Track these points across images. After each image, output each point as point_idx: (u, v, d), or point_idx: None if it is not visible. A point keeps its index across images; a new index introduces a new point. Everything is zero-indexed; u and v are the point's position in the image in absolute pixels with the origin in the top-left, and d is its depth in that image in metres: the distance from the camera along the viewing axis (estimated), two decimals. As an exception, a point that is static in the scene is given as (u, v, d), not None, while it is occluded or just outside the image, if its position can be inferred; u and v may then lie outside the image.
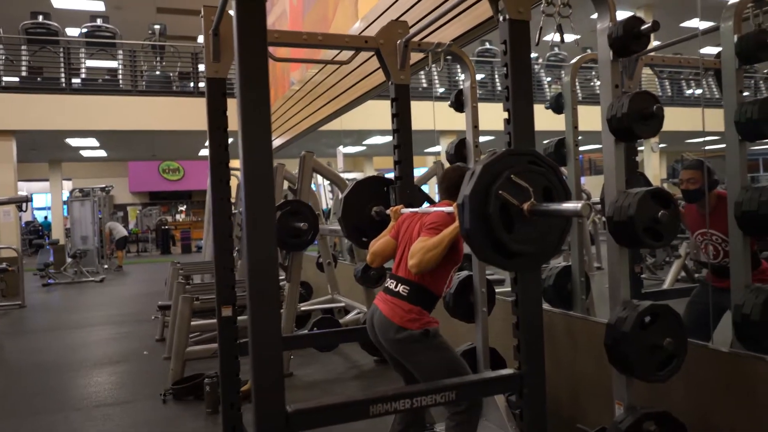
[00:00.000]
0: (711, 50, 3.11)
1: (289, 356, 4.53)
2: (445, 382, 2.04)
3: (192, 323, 4.47)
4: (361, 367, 4.70)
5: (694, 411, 2.34)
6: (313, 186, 6.27)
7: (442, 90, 10.16)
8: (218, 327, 2.74)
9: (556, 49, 12.42)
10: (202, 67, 11.83)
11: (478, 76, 10.54)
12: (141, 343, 5.92)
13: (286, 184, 5.94)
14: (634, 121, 2.07)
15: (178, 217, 25.22)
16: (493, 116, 3.20)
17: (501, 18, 2.05)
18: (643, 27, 2.08)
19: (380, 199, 3.11)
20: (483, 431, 3.04)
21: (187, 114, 11.10)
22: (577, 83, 3.63)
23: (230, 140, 2.75)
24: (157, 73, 11.57)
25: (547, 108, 3.64)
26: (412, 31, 3.08)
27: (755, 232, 2.38)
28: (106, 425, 3.68)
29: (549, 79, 12.60)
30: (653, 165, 10.43)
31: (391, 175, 3.21)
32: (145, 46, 11.88)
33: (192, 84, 11.70)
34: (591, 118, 3.64)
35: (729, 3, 2.50)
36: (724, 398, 2.28)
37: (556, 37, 2.18)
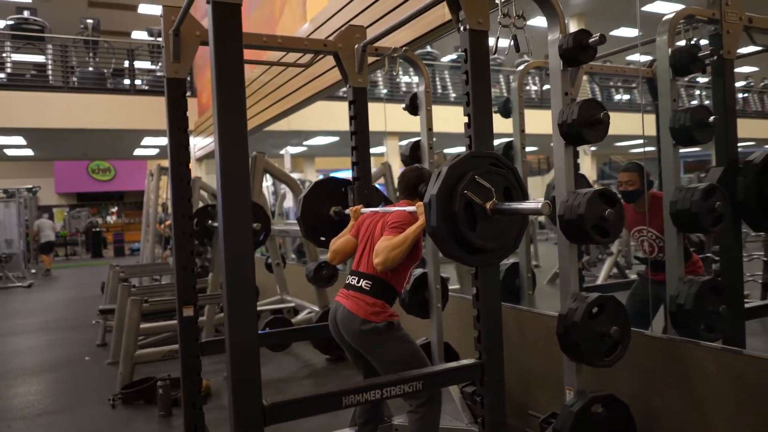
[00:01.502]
0: (634, 58, 3.34)
1: (241, 357, 4.51)
2: (412, 373, 2.13)
3: (141, 326, 4.38)
4: (313, 366, 4.74)
5: (635, 393, 2.55)
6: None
7: (384, 91, 10.27)
8: (179, 327, 2.73)
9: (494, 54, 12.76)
10: (138, 64, 11.50)
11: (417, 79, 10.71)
12: (81, 349, 5.72)
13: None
14: (583, 126, 2.24)
15: (109, 218, 24.31)
16: (434, 118, 3.33)
17: (461, 28, 2.16)
18: (590, 40, 2.26)
19: (338, 200, 3.18)
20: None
21: (123, 112, 10.75)
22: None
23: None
24: (91, 69, 11.14)
25: (495, 113, 3.80)
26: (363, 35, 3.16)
27: (688, 228, 2.61)
28: (53, 433, 3.58)
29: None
30: (585, 167, 10.92)
31: (338, 175, 3.31)
32: (77, 40, 11.41)
33: (128, 81, 11.33)
34: (528, 121, 3.84)
35: (663, 18, 2.72)
36: (660, 380, 2.49)
37: (492, 42, 2.30)
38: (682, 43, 2.70)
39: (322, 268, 4.60)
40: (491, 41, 2.24)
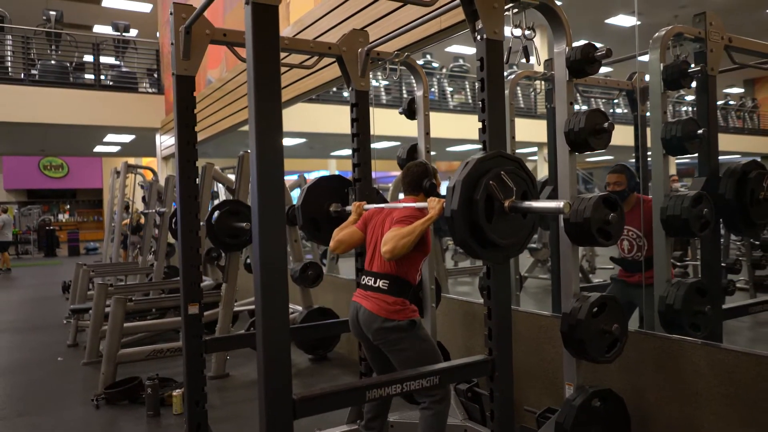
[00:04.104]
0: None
1: (225, 357, 4.49)
2: (429, 369, 2.20)
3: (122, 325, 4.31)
4: (296, 365, 4.76)
5: (627, 387, 2.68)
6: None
7: (346, 94, 10.32)
8: (184, 324, 2.73)
9: (461, 61, 12.98)
10: (104, 59, 11.23)
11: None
12: (51, 350, 5.55)
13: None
14: (589, 134, 2.36)
15: (61, 216, 23.56)
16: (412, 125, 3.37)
17: (478, 37, 2.25)
18: (597, 53, 2.38)
19: (338, 198, 3.22)
20: (433, 419, 3.25)
21: (87, 108, 10.47)
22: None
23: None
24: (53, 62, 10.80)
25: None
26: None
27: (677, 233, 2.76)
28: (36, 434, 3.49)
29: (451, 89, 13.15)
30: (545, 173, 11.21)
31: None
32: (38, 32, 11.05)
33: (92, 76, 11.03)
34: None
35: (655, 35, 2.88)
36: (652, 374, 2.63)
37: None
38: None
39: (308, 268, 4.62)
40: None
